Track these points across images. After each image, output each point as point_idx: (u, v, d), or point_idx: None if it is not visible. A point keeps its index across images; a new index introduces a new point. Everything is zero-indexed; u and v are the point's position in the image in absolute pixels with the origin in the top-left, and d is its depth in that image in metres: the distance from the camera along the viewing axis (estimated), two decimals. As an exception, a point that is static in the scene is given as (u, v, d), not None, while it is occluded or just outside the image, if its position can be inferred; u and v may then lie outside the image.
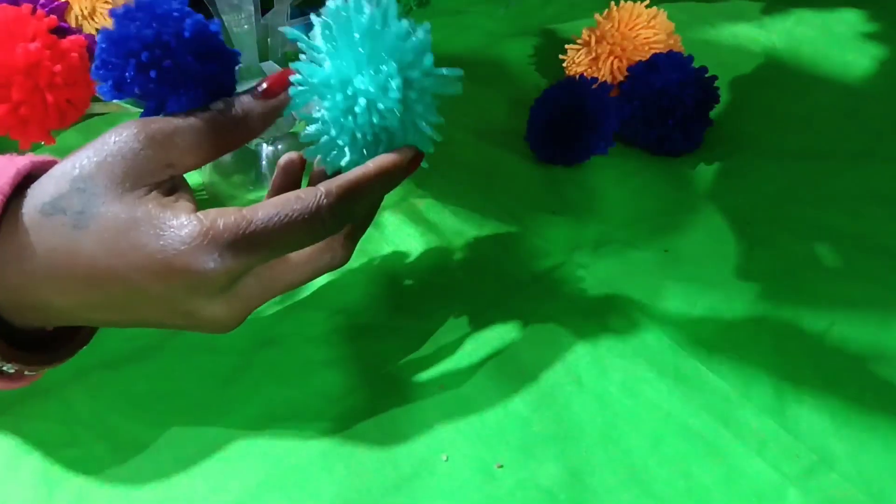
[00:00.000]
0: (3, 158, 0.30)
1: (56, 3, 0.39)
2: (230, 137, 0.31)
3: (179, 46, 0.29)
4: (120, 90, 0.29)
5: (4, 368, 0.30)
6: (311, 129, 0.31)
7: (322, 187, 0.29)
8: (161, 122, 0.29)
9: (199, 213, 0.28)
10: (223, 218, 0.27)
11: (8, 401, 0.34)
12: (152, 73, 0.29)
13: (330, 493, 0.31)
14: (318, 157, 0.31)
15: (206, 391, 0.34)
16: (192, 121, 0.30)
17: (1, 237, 0.28)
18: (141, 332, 0.35)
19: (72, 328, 0.33)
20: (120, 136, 0.29)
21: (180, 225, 0.27)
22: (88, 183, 0.28)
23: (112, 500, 0.30)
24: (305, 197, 0.28)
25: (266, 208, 0.28)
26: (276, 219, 0.28)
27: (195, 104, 0.31)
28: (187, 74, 0.30)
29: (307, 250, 0.32)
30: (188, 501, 0.30)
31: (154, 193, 0.28)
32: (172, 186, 0.30)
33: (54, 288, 0.28)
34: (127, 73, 0.29)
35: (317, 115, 0.31)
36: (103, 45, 0.29)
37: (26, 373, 0.31)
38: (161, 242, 0.27)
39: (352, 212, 0.29)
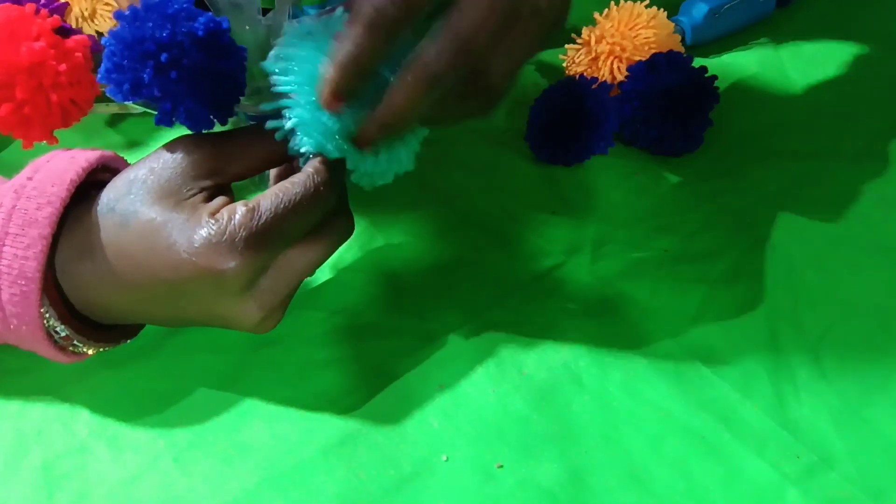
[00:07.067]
0: (73, 152, 0.31)
1: (56, 3, 0.39)
2: (277, 150, 0.32)
3: (194, 46, 0.29)
4: (136, 93, 0.29)
5: (76, 342, 0.31)
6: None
7: (310, 168, 0.30)
8: (212, 134, 0.31)
9: (216, 214, 0.29)
10: (233, 215, 0.29)
11: (8, 401, 0.34)
12: (172, 74, 0.29)
13: (330, 493, 0.31)
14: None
15: (206, 391, 0.34)
16: (240, 132, 0.32)
17: (70, 234, 0.30)
18: (141, 332, 0.35)
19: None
20: (174, 145, 0.31)
21: (203, 226, 0.29)
22: (140, 186, 0.30)
23: (112, 500, 0.30)
24: (299, 180, 0.30)
25: (268, 198, 0.29)
26: (281, 205, 0.29)
27: (211, 102, 0.31)
28: (204, 73, 0.30)
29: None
30: (188, 501, 0.30)
31: (197, 197, 0.30)
32: (218, 192, 0.31)
33: (111, 286, 0.30)
34: (145, 75, 0.29)
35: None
36: (114, 48, 0.29)
37: (89, 351, 0.33)
38: (187, 242, 0.28)
39: (340, 180, 0.31)
